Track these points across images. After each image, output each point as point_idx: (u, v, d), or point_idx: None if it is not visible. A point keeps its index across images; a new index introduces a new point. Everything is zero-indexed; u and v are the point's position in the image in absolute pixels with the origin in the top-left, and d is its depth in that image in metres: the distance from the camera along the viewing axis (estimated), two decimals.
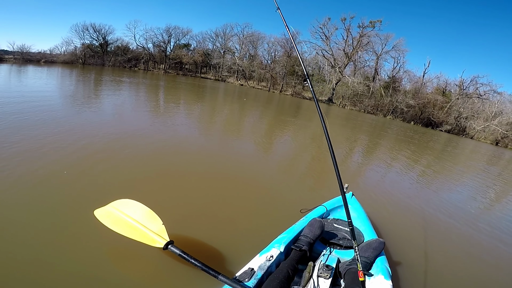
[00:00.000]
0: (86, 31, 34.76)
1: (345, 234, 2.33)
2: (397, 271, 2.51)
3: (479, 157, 15.39)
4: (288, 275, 1.64)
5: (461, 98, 33.92)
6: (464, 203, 5.46)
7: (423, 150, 12.76)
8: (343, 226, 2.45)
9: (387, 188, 5.42)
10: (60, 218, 2.39)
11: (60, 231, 2.25)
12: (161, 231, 1.88)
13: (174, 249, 1.74)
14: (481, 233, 3.99)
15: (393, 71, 35.90)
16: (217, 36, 40.77)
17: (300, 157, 6.60)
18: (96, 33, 35.47)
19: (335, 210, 2.79)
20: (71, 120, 5.73)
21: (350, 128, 15.74)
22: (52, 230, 2.23)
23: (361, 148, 9.75)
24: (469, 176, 8.64)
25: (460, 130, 32.87)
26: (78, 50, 33.97)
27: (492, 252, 3.47)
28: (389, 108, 34.04)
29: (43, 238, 2.13)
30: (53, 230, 2.24)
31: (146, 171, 3.75)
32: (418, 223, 3.87)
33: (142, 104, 10.19)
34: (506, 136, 30.23)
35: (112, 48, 37.48)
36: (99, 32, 35.61)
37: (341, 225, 2.47)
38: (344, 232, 2.36)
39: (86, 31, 34.76)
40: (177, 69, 40.29)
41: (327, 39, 35.44)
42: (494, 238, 3.89)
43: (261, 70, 38.70)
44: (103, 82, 15.09)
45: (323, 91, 35.80)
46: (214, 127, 8.23)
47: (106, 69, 28.15)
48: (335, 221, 2.56)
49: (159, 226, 1.91)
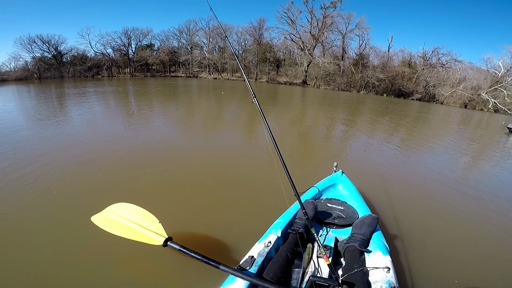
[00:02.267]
0: (34, 43, 31.70)
1: (339, 213, 2.33)
2: (394, 245, 2.51)
3: (453, 120, 16.26)
4: (288, 259, 1.65)
5: (426, 69, 35.90)
6: (446, 167, 5.57)
7: (400, 119, 13.15)
8: (337, 205, 2.46)
9: (374, 161, 5.44)
10: (58, 231, 2.40)
11: (60, 242, 2.25)
12: (159, 229, 1.89)
13: (173, 245, 1.75)
14: (466, 195, 4.04)
15: (359, 49, 37.07)
16: (181, 32, 39.28)
17: (286, 142, 6.50)
18: (46, 44, 32.51)
19: (327, 190, 2.79)
20: (47, 137, 5.39)
21: (327, 106, 15.91)
22: (52, 243, 2.24)
23: (343, 125, 9.79)
24: (447, 140, 8.88)
25: (430, 97, 34.96)
26: (30, 64, 31.10)
27: (478, 215, 3.52)
28: (361, 83, 35.18)
29: (44, 251, 2.14)
30: (53, 242, 2.25)
31: (134, 175, 3.70)
32: (407, 193, 3.88)
33: (117, 111, 9.46)
34: (473, 99, 32.95)
35: (68, 59, 34.82)
36: (49, 43, 32.71)
37: (334, 204, 2.47)
38: (338, 211, 2.36)
39: (34, 43, 31.70)
40: (144, 71, 38.39)
41: (293, 23, 35.71)
42: (478, 200, 3.95)
43: (233, 61, 38.05)
44: (66, 95, 13.75)
45: (296, 74, 36.08)
46: (198, 124, 8.17)
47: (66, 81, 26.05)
48: (328, 200, 2.55)
49: (156, 225, 1.92)
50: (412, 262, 2.33)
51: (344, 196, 2.69)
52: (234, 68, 38.73)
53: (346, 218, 2.26)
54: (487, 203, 3.83)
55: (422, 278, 2.17)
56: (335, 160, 3.15)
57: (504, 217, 3.49)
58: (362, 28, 35.31)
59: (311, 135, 7.62)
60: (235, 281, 1.45)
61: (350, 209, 2.41)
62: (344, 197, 2.66)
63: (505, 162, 6.66)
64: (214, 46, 40.27)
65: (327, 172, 3.21)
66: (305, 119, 10.56)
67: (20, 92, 14.81)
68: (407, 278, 2.14)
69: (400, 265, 2.26)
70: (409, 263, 2.32)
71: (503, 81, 31.50)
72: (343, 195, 2.70)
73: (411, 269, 2.25)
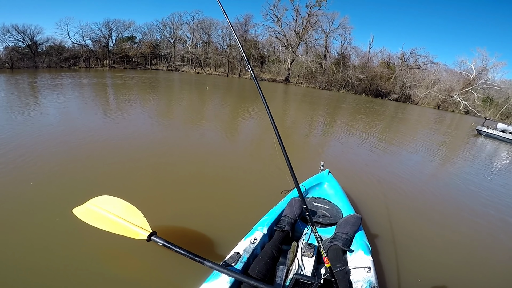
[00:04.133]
0: (8, 33, 30.07)
1: (324, 212, 2.35)
2: (376, 244, 2.56)
3: (427, 120, 17.13)
4: (273, 256, 1.66)
5: (404, 70, 37.22)
6: (422, 167, 5.86)
7: (383, 119, 13.74)
8: (322, 203, 2.48)
9: (358, 161, 5.56)
10: (38, 220, 2.36)
11: (38, 231, 2.23)
12: (143, 224, 1.86)
13: (157, 240, 1.71)
14: (446, 197, 4.23)
15: (341, 48, 37.92)
16: (164, 26, 38.32)
17: (272, 140, 6.50)
18: (21, 34, 30.90)
19: (313, 189, 2.80)
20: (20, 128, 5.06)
21: (308, 103, 16.26)
22: (30, 232, 2.21)
23: (328, 124, 10.00)
24: (422, 139, 9.41)
25: (406, 98, 36.34)
26: (2, 53, 29.47)
27: (456, 216, 3.66)
28: (341, 83, 36.04)
29: (23, 241, 2.11)
30: (31, 232, 2.22)
31: (119, 168, 3.64)
32: (390, 193, 3.98)
33: (97, 102, 9.10)
34: (445, 101, 34.68)
35: (43, 49, 33.24)
36: (24, 33, 31.10)
37: (320, 203, 2.48)
38: (324, 210, 2.37)
39: (8, 33, 30.07)
40: (124, 63, 37.26)
41: (278, 21, 35.92)
42: (457, 202, 4.14)
43: (217, 56, 37.75)
44: (41, 85, 13.10)
45: (279, 71, 36.37)
46: (181, 119, 7.79)
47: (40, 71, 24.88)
48: (314, 199, 2.55)
49: (141, 219, 1.90)
50: (391, 263, 2.39)
51: (330, 195, 2.71)
52: (218, 63, 38.44)
53: (330, 217, 2.28)
54: (464, 206, 4.02)
55: (401, 278, 2.23)
56: (322, 159, 3.19)
57: (479, 217, 3.64)
58: (345, 28, 36.16)
59: (296, 133, 7.70)
60: (220, 277, 1.44)
61: (335, 208, 2.42)
62: (329, 196, 2.68)
63: (476, 164, 7.11)
64: (198, 41, 39.71)
65: (313, 171, 3.25)
66: (289, 117, 10.71)
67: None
68: (386, 278, 2.20)
69: (380, 265, 2.31)
70: (389, 263, 2.38)
71: (474, 83, 33.22)
72: (328, 194, 2.72)
73: (391, 269, 2.31)
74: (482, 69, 33.45)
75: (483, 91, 33.44)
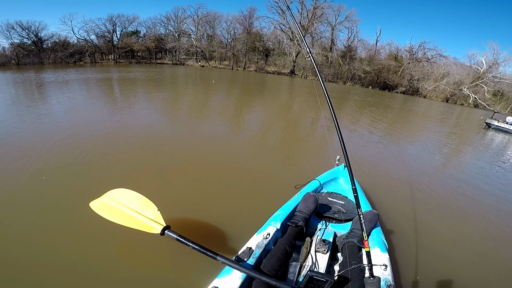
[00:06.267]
0: (12, 29, 30.33)
1: (339, 207, 2.27)
2: (392, 242, 2.47)
3: (436, 114, 16.86)
4: (286, 252, 1.63)
5: (412, 63, 36.57)
6: (435, 162, 5.76)
7: (388, 111, 13.53)
8: (338, 199, 2.40)
9: (375, 156, 5.46)
10: (56, 213, 2.40)
11: (56, 225, 2.26)
12: (157, 217, 1.87)
13: (171, 234, 1.72)
14: (464, 195, 4.11)
15: (348, 41, 37.32)
16: (168, 20, 38.13)
17: (289, 134, 6.52)
18: (26, 30, 31.13)
19: (329, 183, 2.71)
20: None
21: (313, 95, 15.91)
22: (48, 225, 2.25)
23: (340, 118, 9.66)
24: (432, 133, 9.29)
25: (414, 91, 35.78)
26: (7, 50, 29.71)
27: (475, 214, 3.55)
28: (347, 75, 35.59)
29: (40, 233, 2.15)
30: (49, 225, 2.26)
31: (136, 161, 3.68)
32: (406, 190, 3.86)
33: (108, 96, 9.16)
34: (454, 94, 34.09)
35: (49, 45, 33.46)
36: (29, 29, 31.33)
37: (335, 199, 2.40)
38: (339, 205, 2.30)
39: (12, 29, 30.33)
40: (129, 58, 37.33)
41: (283, 13, 35.31)
42: (475, 200, 4.00)
43: (222, 49, 37.51)
44: (48, 80, 13.08)
45: (284, 64, 36.04)
46: (191, 113, 7.91)
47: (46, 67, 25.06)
48: (329, 194, 2.49)
49: (155, 213, 1.90)
50: (409, 260, 2.32)
51: (345, 190, 2.62)
52: (223, 56, 38.19)
53: (346, 213, 2.22)
54: (484, 204, 3.87)
55: (418, 275, 2.17)
56: (337, 154, 3.07)
57: (498, 216, 3.54)
58: (351, 20, 35.43)
59: (313, 127, 7.62)
60: (232, 273, 1.43)
61: (351, 204, 2.35)
62: (345, 192, 2.59)
63: (487, 157, 7.03)
64: (203, 34, 39.48)
65: (329, 165, 3.17)
66: (299, 111, 10.64)
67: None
68: (402, 276, 2.13)
69: (396, 263, 2.25)
70: (407, 260, 2.30)
71: (484, 77, 32.48)
72: (344, 190, 2.63)
73: (408, 267, 2.24)
74: (493, 63, 32.63)
75: (494, 84, 32.65)
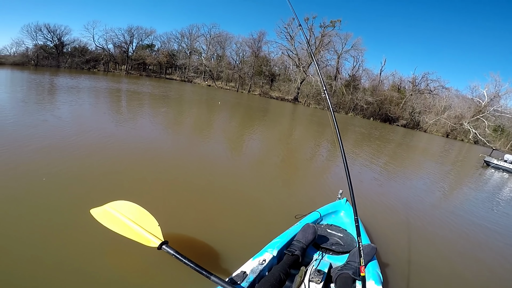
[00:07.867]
0: (39, 31, 32.13)
1: (338, 240, 2.33)
2: (387, 275, 2.50)
3: (436, 151, 17.01)
4: (280, 279, 1.64)
5: (414, 94, 37.06)
6: (434, 199, 5.85)
7: (388, 145, 13.74)
8: (336, 231, 2.46)
9: (375, 191, 5.49)
10: (56, 216, 2.48)
11: (55, 227, 2.33)
12: (156, 232, 1.92)
13: (168, 249, 1.77)
14: (465, 231, 4.23)
15: (353, 70, 38.12)
16: (182, 36, 39.95)
17: (294, 165, 6.62)
18: (51, 33, 32.99)
19: (329, 216, 2.79)
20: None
21: (316, 124, 16.26)
22: (47, 227, 2.32)
23: (335, 149, 9.75)
24: (431, 170, 9.46)
25: (415, 124, 35.99)
26: (30, 51, 31.35)
27: (476, 250, 3.67)
28: (350, 105, 36.12)
29: (39, 234, 2.21)
30: (48, 226, 2.32)
31: (142, 176, 3.80)
32: (404, 225, 3.92)
33: (119, 107, 9.65)
34: (455, 129, 34.10)
35: (68, 49, 35.15)
36: (54, 33, 33.16)
37: (334, 231, 2.46)
38: (337, 238, 2.36)
39: (39, 31, 32.13)
40: (140, 70, 38.79)
41: (291, 39, 36.50)
42: (476, 236, 4.13)
43: (229, 71, 38.72)
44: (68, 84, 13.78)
45: (289, 90, 36.85)
46: (203, 136, 7.91)
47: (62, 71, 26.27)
48: (328, 226, 2.56)
49: (155, 227, 1.96)
50: None
51: (345, 223, 2.69)
52: (229, 77, 39.45)
53: (344, 245, 2.27)
54: (480, 241, 3.95)
55: None
56: (338, 187, 3.20)
57: (493, 255, 3.60)
58: (358, 49, 36.30)
59: (319, 159, 7.72)
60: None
61: (350, 237, 2.41)
62: (345, 225, 2.66)
63: (485, 195, 7.24)
64: (213, 54, 40.99)
65: (330, 198, 3.31)
66: (301, 139, 10.73)
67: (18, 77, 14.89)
68: None
69: None
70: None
71: (485, 110, 32.48)
72: (344, 223, 2.71)
73: None
74: (495, 95, 32.75)
75: (494, 119, 32.70)
